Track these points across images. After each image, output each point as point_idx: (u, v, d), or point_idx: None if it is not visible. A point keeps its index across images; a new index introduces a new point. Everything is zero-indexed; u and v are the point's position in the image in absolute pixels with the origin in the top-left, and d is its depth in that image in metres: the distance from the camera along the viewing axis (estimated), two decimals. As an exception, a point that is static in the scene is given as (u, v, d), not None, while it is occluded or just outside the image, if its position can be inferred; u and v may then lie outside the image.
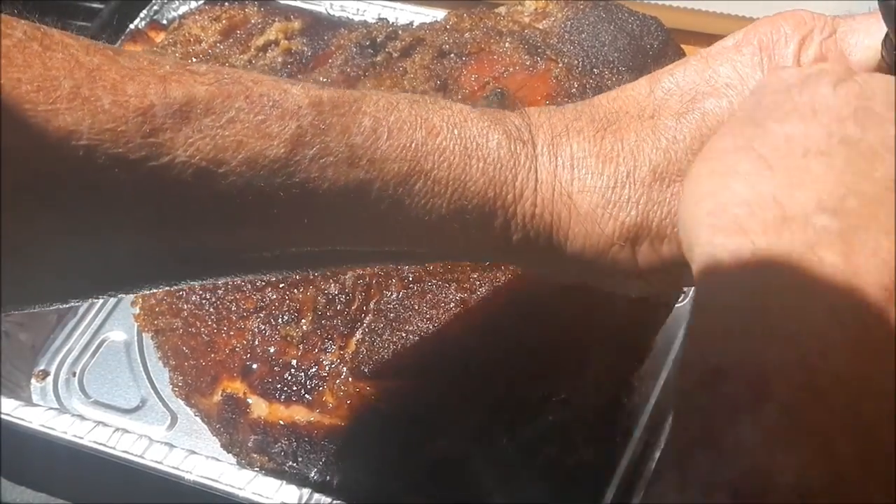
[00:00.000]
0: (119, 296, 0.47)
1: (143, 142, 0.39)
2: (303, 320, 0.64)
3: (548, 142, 0.47)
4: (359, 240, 0.46)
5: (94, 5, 0.98)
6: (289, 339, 0.64)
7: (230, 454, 0.68)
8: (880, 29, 0.46)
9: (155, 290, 0.47)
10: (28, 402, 0.75)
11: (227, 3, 0.84)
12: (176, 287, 0.68)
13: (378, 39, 0.77)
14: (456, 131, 0.46)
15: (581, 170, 0.46)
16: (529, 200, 0.46)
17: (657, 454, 0.70)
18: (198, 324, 0.67)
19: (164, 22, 0.92)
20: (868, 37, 0.47)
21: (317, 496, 0.64)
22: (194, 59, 0.81)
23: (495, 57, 0.72)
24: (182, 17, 0.88)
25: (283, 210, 0.43)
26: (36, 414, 0.70)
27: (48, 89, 0.38)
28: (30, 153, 0.38)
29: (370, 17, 0.91)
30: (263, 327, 0.65)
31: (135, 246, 0.42)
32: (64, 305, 0.46)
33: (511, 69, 0.72)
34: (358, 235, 0.46)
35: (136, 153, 0.39)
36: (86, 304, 0.83)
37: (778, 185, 0.37)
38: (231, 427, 0.65)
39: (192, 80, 0.41)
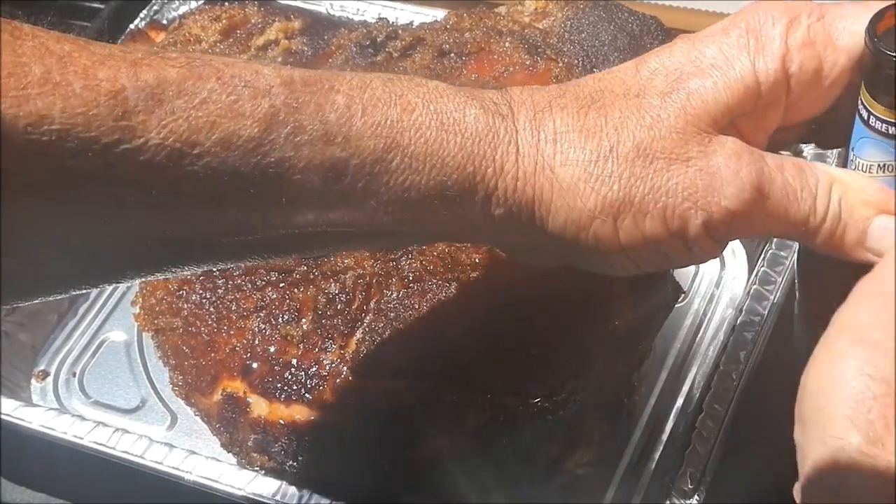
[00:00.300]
0: (106, 287, 0.48)
1: (115, 125, 0.40)
2: (303, 320, 0.64)
3: (530, 117, 0.47)
4: (339, 220, 0.46)
5: (94, 5, 0.98)
6: (289, 338, 0.64)
7: (230, 454, 0.68)
8: (868, 16, 0.47)
9: (143, 280, 0.47)
10: (28, 402, 0.75)
11: (227, 3, 0.84)
12: (176, 288, 0.68)
13: (378, 39, 0.77)
14: (432, 107, 0.46)
15: (563, 144, 0.47)
16: (510, 174, 0.46)
17: (657, 454, 0.70)
18: (198, 323, 0.67)
19: (164, 22, 0.92)
20: (855, 22, 0.47)
21: (316, 496, 0.64)
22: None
23: (495, 56, 0.72)
24: (182, 16, 0.88)
25: (261, 190, 0.43)
26: (36, 414, 0.70)
27: (18, 75, 0.38)
28: (2, 139, 0.38)
29: (370, 16, 0.91)
30: (264, 327, 0.65)
31: (114, 230, 0.42)
32: (48, 298, 0.46)
33: (511, 69, 0.72)
34: (338, 215, 0.46)
35: (109, 136, 0.40)
36: (85, 305, 0.83)
37: None
38: (231, 426, 0.65)
39: (162, 63, 0.42)
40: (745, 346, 0.69)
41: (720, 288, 0.80)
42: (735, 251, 0.82)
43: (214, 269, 0.68)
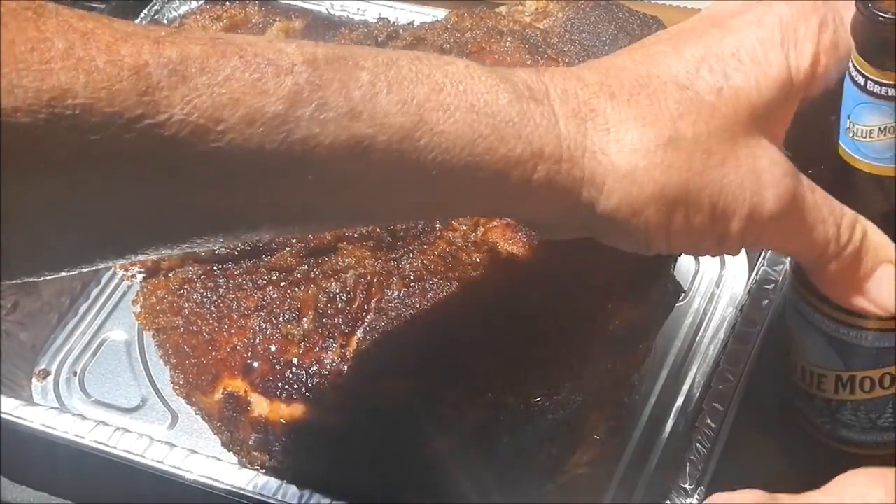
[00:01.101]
0: (127, 259, 0.48)
1: (138, 100, 0.40)
2: (304, 319, 0.64)
3: (573, 103, 0.47)
4: (367, 196, 0.46)
5: (94, 5, 0.98)
6: (290, 337, 0.64)
7: (231, 452, 0.68)
8: None
9: (159, 254, 0.47)
10: (29, 401, 0.75)
11: (227, 3, 0.85)
12: (177, 287, 0.69)
13: (379, 39, 0.77)
14: (461, 87, 0.45)
15: (620, 131, 0.47)
16: (553, 158, 0.46)
17: (657, 454, 0.70)
18: (199, 322, 0.67)
19: (165, 22, 0.92)
20: None
21: (317, 496, 0.64)
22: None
23: (496, 56, 0.72)
24: (183, 16, 0.88)
25: (287, 167, 0.43)
26: (36, 413, 0.70)
27: (42, 50, 0.38)
28: (25, 113, 0.38)
29: (371, 16, 0.91)
30: (265, 325, 0.65)
31: (136, 207, 0.42)
32: (71, 273, 0.46)
33: (512, 69, 0.72)
34: (366, 192, 0.45)
35: (133, 111, 0.40)
36: (86, 304, 0.84)
37: None
38: (232, 425, 0.65)
39: (185, 41, 0.42)
40: (745, 345, 0.69)
41: (720, 287, 0.80)
42: (735, 251, 0.82)
43: (216, 268, 0.68)
